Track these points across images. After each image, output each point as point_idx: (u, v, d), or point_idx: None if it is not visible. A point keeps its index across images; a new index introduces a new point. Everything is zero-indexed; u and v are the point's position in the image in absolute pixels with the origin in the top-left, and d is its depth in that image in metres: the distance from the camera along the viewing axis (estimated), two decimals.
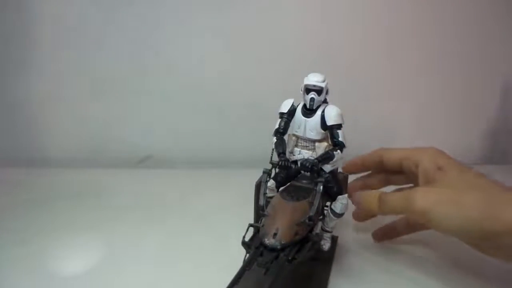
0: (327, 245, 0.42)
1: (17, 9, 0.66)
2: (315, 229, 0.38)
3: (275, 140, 0.40)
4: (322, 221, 0.41)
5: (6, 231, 0.50)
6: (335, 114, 0.38)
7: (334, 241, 0.46)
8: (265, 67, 0.71)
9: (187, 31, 0.69)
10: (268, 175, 0.39)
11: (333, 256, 0.45)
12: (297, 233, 0.34)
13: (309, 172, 0.38)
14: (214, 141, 0.75)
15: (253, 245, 0.33)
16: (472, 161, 0.78)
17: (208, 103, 0.73)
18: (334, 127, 0.38)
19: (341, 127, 0.39)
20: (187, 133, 0.75)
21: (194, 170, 0.72)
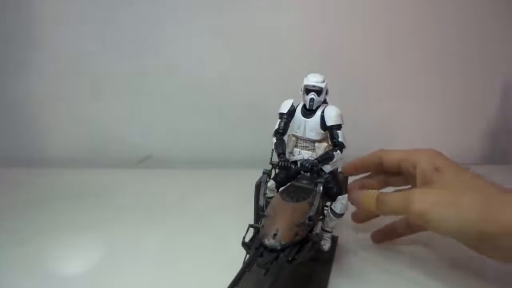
0: (327, 245, 0.42)
1: (17, 9, 0.66)
2: (315, 230, 0.38)
3: (275, 140, 0.40)
4: (322, 221, 0.41)
5: (6, 231, 0.50)
6: (335, 114, 0.38)
7: (334, 241, 0.46)
8: (265, 67, 0.71)
9: (187, 31, 0.69)
10: (268, 175, 0.39)
11: (333, 256, 0.45)
12: (297, 234, 0.34)
13: (309, 172, 0.38)
14: (214, 141, 0.75)
15: (253, 246, 0.33)
16: (472, 161, 0.79)
17: (208, 103, 0.73)
18: (334, 128, 0.38)
19: (341, 127, 0.39)
20: (187, 133, 0.75)
21: (194, 170, 0.72)
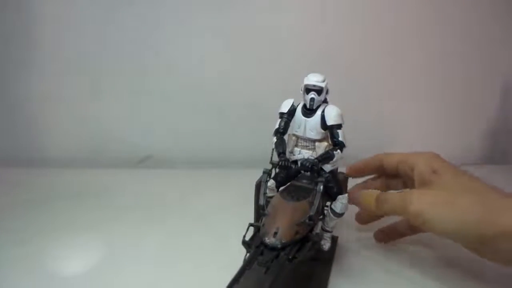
0: (327, 245, 0.42)
1: (17, 9, 0.66)
2: (315, 229, 0.38)
3: (275, 140, 0.40)
4: (322, 221, 0.41)
5: (6, 231, 0.50)
6: (335, 114, 0.38)
7: (334, 241, 0.46)
8: (265, 67, 0.71)
9: (187, 31, 0.69)
10: (268, 175, 0.39)
11: (333, 256, 0.45)
12: (298, 233, 0.34)
13: (309, 171, 0.38)
14: (214, 141, 0.75)
15: (253, 244, 0.33)
16: (472, 161, 0.78)
17: (208, 103, 0.73)
18: (334, 127, 0.38)
19: (341, 127, 0.39)
20: (187, 133, 0.75)
21: (194, 170, 0.72)
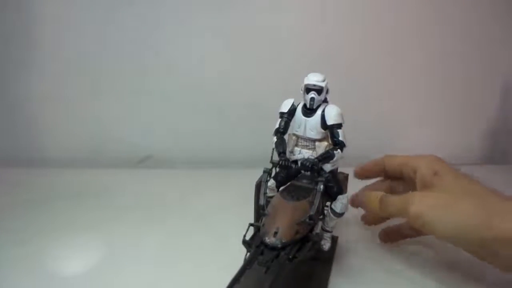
0: (327, 245, 0.42)
1: (17, 9, 0.66)
2: (315, 229, 0.38)
3: (275, 139, 0.40)
4: (322, 221, 0.41)
5: (6, 231, 0.50)
6: (335, 113, 0.38)
7: (334, 241, 0.46)
8: (265, 67, 0.71)
9: (187, 31, 0.69)
10: (268, 174, 0.39)
11: (333, 256, 0.45)
12: (298, 232, 0.34)
13: (309, 171, 0.38)
14: (214, 141, 0.75)
15: (253, 244, 0.33)
16: (472, 161, 0.79)
17: (208, 103, 0.73)
18: (334, 127, 0.38)
19: (341, 126, 0.39)
20: (187, 133, 0.75)
21: (194, 170, 0.72)
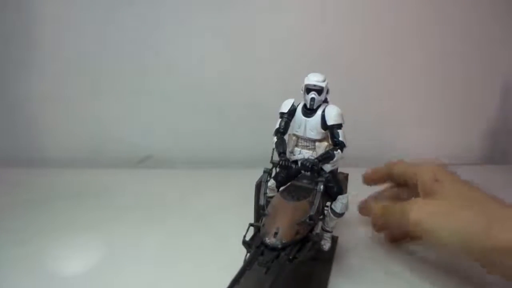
0: (327, 245, 0.42)
1: (17, 9, 0.66)
2: (315, 229, 0.38)
3: (276, 139, 0.40)
4: (322, 221, 0.41)
5: (6, 231, 0.50)
6: (335, 113, 0.38)
7: (334, 241, 0.46)
8: (265, 67, 0.71)
9: (187, 31, 0.69)
10: (268, 174, 0.39)
11: (333, 256, 0.45)
12: (298, 233, 0.34)
13: (310, 171, 0.38)
14: (214, 141, 0.75)
15: (253, 245, 0.33)
16: (472, 161, 0.79)
17: (208, 103, 0.73)
18: (334, 127, 0.38)
19: (341, 126, 0.39)
20: (187, 133, 0.75)
21: (194, 170, 0.72)
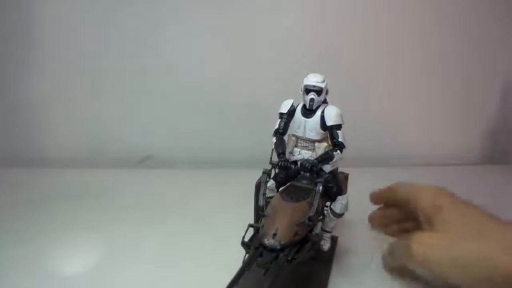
0: (327, 245, 0.42)
1: (17, 9, 0.66)
2: (315, 230, 0.38)
3: (275, 140, 0.40)
4: (322, 221, 0.41)
5: (6, 231, 0.50)
6: (335, 114, 0.38)
7: (334, 241, 0.46)
8: (265, 67, 0.71)
9: (187, 31, 0.69)
10: (268, 175, 0.39)
11: (333, 256, 0.45)
12: (297, 234, 0.34)
13: (309, 172, 0.38)
14: (214, 141, 0.75)
15: (252, 246, 0.33)
16: (472, 161, 0.79)
17: (208, 103, 0.73)
18: (334, 128, 0.38)
19: (340, 127, 0.39)
20: (187, 133, 0.75)
21: (194, 170, 0.72)
